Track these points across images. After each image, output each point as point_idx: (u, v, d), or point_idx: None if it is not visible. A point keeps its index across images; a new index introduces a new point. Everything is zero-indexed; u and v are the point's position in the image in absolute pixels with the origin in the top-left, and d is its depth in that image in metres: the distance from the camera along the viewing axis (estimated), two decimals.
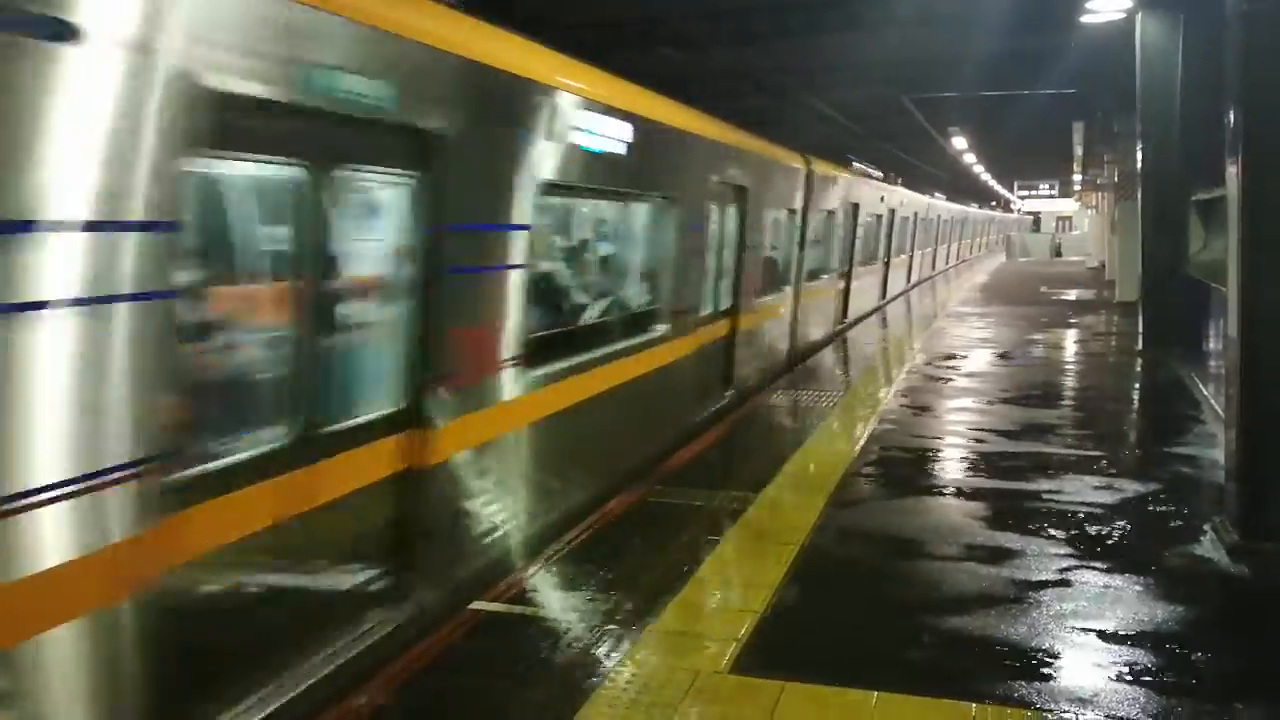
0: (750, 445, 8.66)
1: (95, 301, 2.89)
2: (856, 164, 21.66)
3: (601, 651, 4.41)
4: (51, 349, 2.80)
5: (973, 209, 48.07)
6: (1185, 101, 12.11)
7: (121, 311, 2.96)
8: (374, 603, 4.46)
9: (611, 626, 4.67)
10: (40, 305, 2.74)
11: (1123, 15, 12.56)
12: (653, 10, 13.26)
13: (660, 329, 8.15)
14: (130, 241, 2.97)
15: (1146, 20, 12.99)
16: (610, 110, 6.73)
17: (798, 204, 13.14)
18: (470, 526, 5.20)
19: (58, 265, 2.79)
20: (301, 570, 4.08)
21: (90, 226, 2.86)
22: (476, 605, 4.93)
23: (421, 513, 4.73)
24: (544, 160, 5.83)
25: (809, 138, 19.03)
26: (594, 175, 6.69)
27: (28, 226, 2.69)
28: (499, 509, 5.46)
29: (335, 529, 4.21)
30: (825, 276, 15.44)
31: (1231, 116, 5.82)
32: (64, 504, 2.83)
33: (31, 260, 2.71)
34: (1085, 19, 12.71)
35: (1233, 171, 5.82)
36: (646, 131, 7.39)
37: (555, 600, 5.07)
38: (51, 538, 2.82)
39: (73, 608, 2.88)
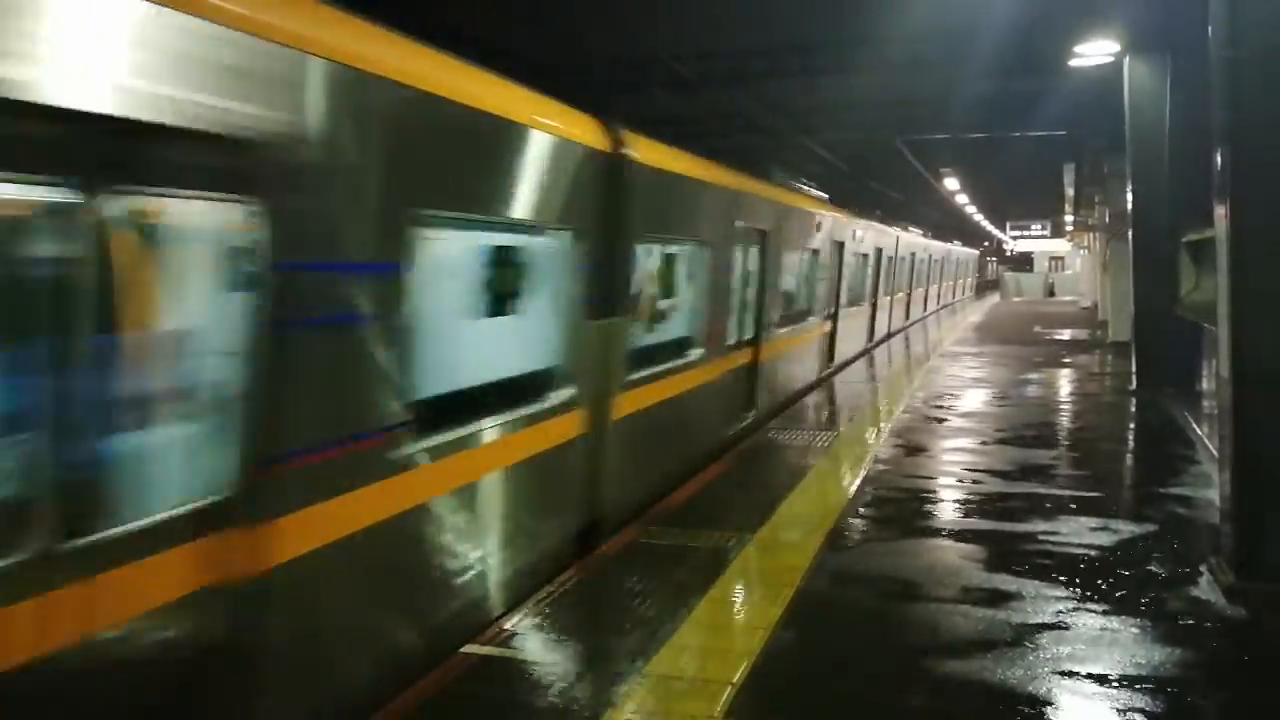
0: (745, 485, 8.63)
1: None
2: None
3: (594, 696, 4.36)
4: None
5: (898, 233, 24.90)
6: (1174, 143, 12.24)
7: None
8: None
9: (605, 670, 4.62)
10: None
11: (1111, 59, 12.74)
12: (647, 52, 13.42)
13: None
14: None
15: (1134, 64, 13.16)
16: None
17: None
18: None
19: None
20: None
21: None
22: (467, 649, 4.88)
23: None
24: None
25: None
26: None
27: None
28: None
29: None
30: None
31: (1219, 158, 5.88)
32: None
33: None
34: (1074, 63, 12.89)
35: (1221, 212, 5.87)
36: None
37: (547, 644, 5.02)
38: None
39: None
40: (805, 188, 15.00)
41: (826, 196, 16.50)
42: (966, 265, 53.31)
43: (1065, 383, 16.29)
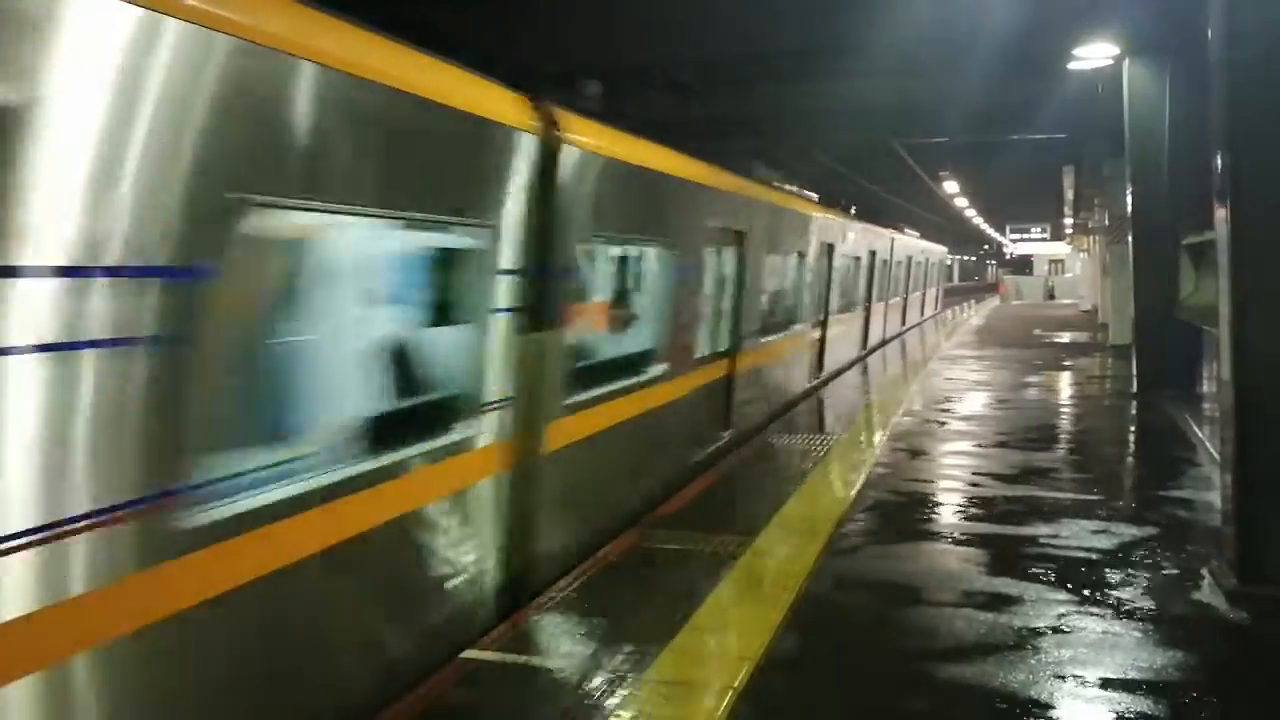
0: (745, 490, 8.62)
1: None
2: None
3: (595, 702, 4.35)
4: None
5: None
6: (1173, 146, 12.25)
7: None
8: None
9: (606, 675, 4.61)
10: None
11: (1110, 62, 12.75)
12: (645, 58, 13.42)
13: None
14: None
15: (1134, 67, 13.17)
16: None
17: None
18: None
19: None
20: None
21: None
22: (468, 654, 4.87)
23: None
24: None
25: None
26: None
27: None
28: None
29: None
30: None
31: (1218, 161, 5.87)
32: None
33: None
34: (1073, 66, 12.90)
35: (1221, 215, 5.86)
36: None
37: (548, 648, 5.01)
38: None
39: None
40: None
41: None
42: (929, 270, 34.01)
43: (1066, 386, 16.28)
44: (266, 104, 3.65)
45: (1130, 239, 14.17)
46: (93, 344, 2.96)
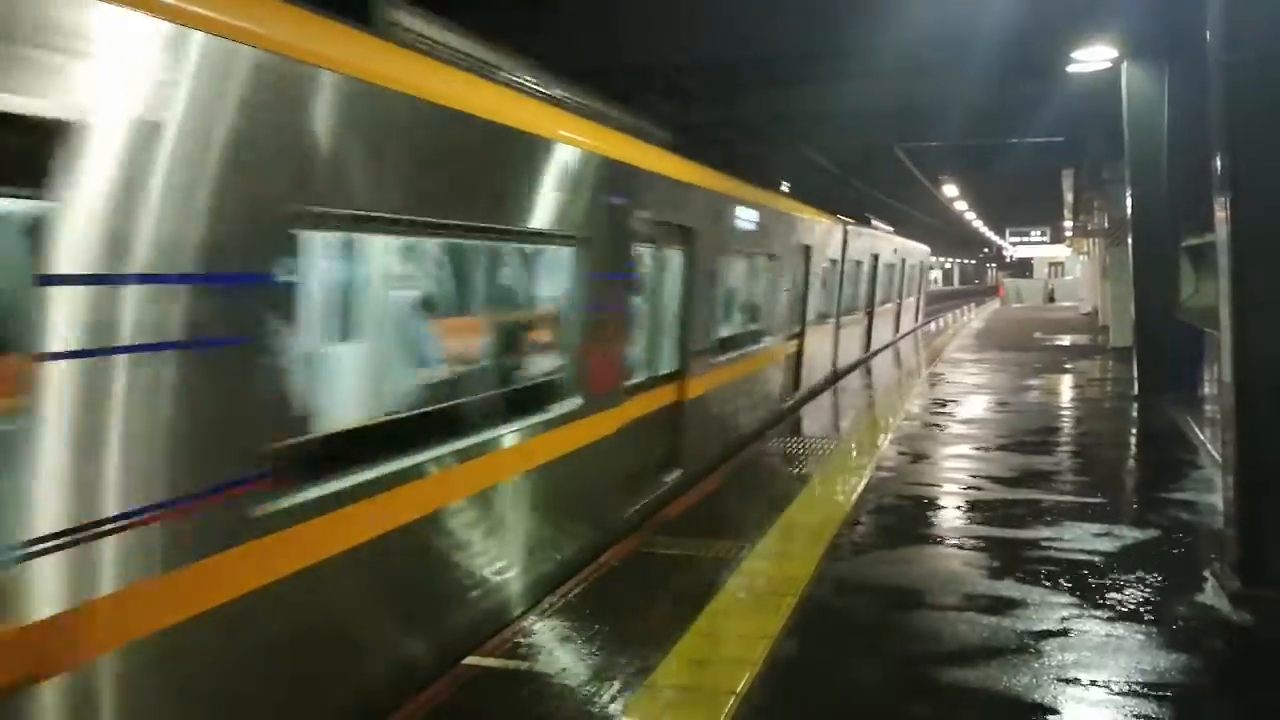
0: (746, 494, 8.60)
1: None
2: None
3: (597, 708, 4.33)
4: None
5: None
6: (1172, 148, 12.24)
7: None
8: None
9: (607, 682, 4.59)
10: None
11: (1109, 65, 12.76)
12: (643, 61, 13.44)
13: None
14: None
15: (1132, 69, 13.18)
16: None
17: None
18: None
19: None
20: None
21: None
22: (469, 660, 4.86)
23: None
24: None
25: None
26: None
27: None
28: None
29: None
30: None
31: (1218, 162, 5.87)
32: None
33: None
34: (1072, 69, 12.92)
35: (1221, 217, 5.85)
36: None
37: (549, 655, 5.00)
38: None
39: None
40: None
41: None
42: (906, 275, 26.52)
43: (1066, 388, 16.27)
44: None
45: (1130, 241, 14.17)
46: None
